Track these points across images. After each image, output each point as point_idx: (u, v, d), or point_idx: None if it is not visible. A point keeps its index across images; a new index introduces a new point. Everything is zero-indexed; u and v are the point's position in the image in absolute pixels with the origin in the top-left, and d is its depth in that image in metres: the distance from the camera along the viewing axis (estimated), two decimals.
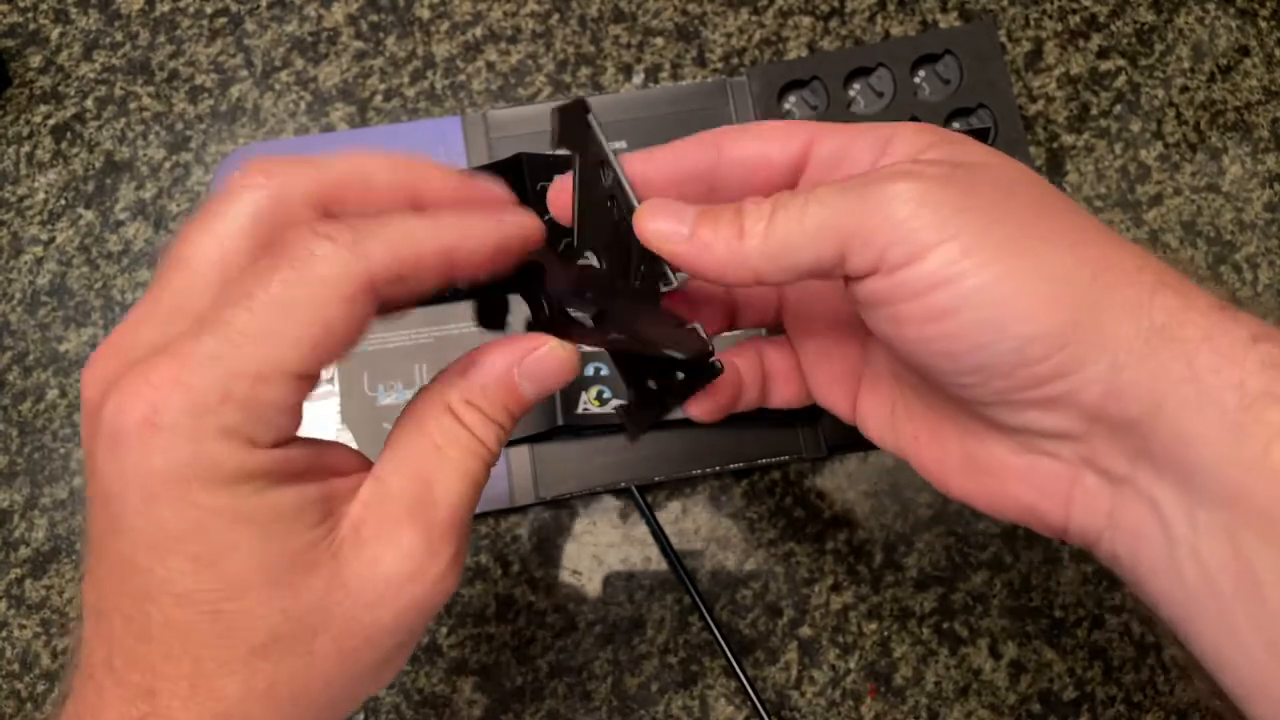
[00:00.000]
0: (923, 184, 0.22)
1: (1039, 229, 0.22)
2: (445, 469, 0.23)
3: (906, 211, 0.21)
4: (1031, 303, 0.21)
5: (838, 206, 0.22)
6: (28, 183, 0.48)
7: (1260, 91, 0.50)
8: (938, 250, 0.21)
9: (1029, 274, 0.21)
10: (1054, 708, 0.43)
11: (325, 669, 0.22)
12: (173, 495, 0.19)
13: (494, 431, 0.25)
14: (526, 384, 0.25)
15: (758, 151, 0.26)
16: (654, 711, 0.42)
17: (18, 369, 0.46)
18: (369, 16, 0.51)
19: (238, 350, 0.20)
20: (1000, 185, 0.23)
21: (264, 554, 0.20)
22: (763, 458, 0.44)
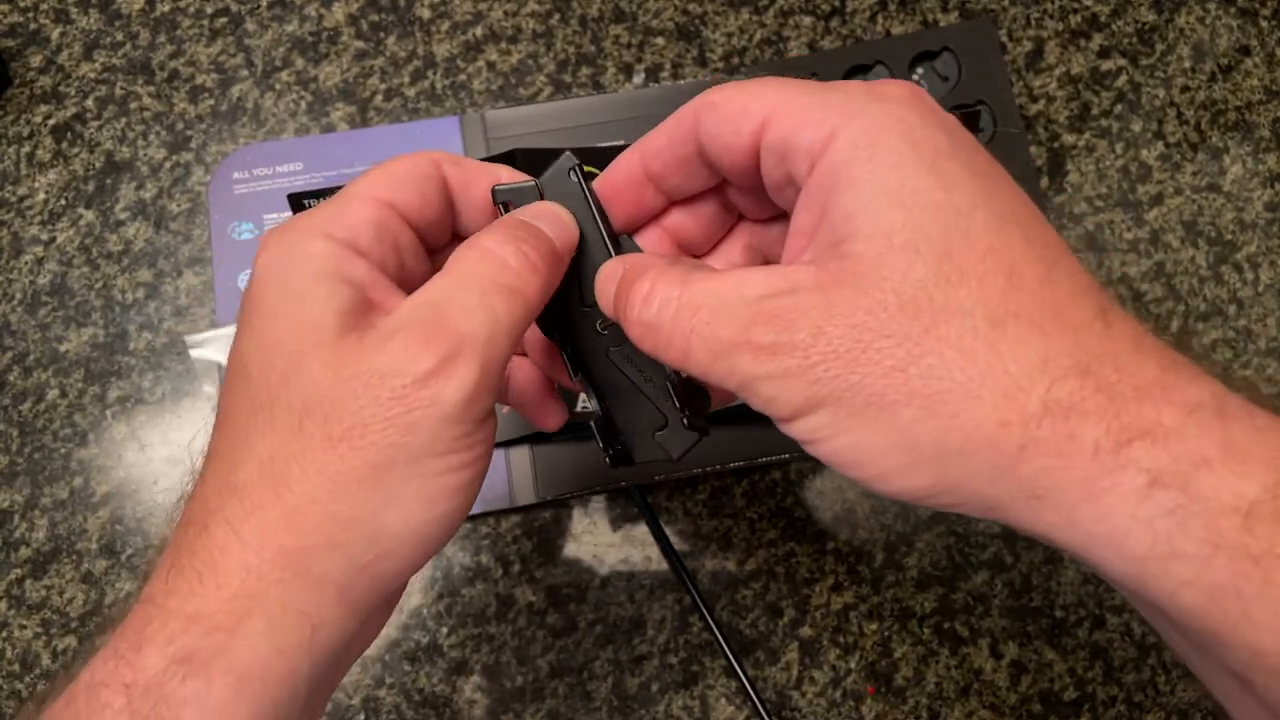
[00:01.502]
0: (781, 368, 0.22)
1: (890, 393, 0.21)
2: (464, 287, 0.24)
3: (766, 393, 0.23)
4: (889, 469, 0.22)
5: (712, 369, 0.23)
6: (28, 183, 0.48)
7: (1261, 91, 0.50)
8: (798, 423, 0.23)
9: (882, 445, 0.22)
10: (1055, 708, 0.43)
11: (316, 455, 0.23)
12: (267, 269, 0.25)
13: (516, 253, 0.25)
14: (539, 223, 0.26)
15: (718, 136, 0.26)
16: (654, 711, 0.42)
17: (18, 369, 0.46)
18: (369, 16, 0.51)
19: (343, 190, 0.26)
20: (869, 330, 0.21)
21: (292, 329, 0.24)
22: (763, 457, 0.44)
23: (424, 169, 0.27)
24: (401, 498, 0.23)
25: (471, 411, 0.23)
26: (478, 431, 0.24)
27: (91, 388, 0.46)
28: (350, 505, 0.23)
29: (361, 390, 0.23)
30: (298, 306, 0.24)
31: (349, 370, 0.23)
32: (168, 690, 0.21)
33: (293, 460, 0.23)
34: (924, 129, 0.22)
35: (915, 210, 0.22)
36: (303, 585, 0.22)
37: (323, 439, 0.23)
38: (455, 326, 0.23)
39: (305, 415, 0.23)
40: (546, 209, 0.27)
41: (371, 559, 0.23)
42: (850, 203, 0.22)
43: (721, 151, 0.26)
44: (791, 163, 0.24)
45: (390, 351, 0.23)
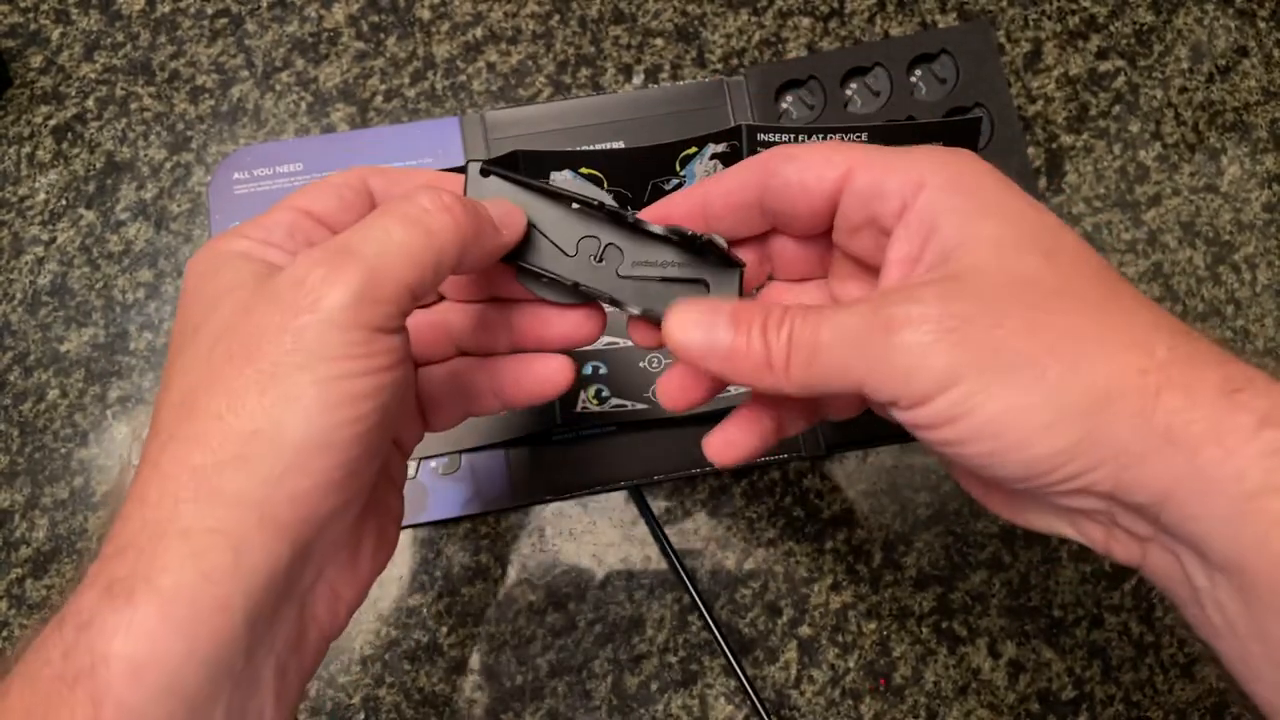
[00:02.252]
0: (918, 336, 0.23)
1: (1034, 348, 0.23)
2: (367, 220, 0.26)
3: (906, 364, 0.23)
4: (1031, 432, 0.23)
5: (843, 356, 0.24)
6: (29, 183, 0.48)
7: (1259, 92, 0.50)
8: (940, 398, 0.23)
9: (1026, 405, 0.23)
10: (1053, 707, 0.43)
11: (219, 375, 0.23)
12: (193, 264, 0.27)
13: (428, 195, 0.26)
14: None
15: (797, 180, 0.27)
16: (654, 711, 0.42)
17: (18, 369, 0.46)
18: (369, 17, 0.51)
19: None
20: (998, 296, 0.23)
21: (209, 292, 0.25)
22: (762, 456, 0.44)
23: (346, 179, 0.29)
24: (299, 404, 0.23)
25: (359, 317, 0.24)
26: (374, 342, 0.24)
27: (92, 388, 0.46)
28: (250, 417, 0.23)
29: (257, 309, 0.24)
30: (214, 276, 0.26)
31: (253, 296, 0.24)
32: (98, 620, 0.21)
33: (200, 387, 0.24)
34: (1000, 175, 0.26)
35: (1016, 223, 0.25)
36: (216, 503, 0.22)
37: (224, 358, 0.24)
38: (345, 243, 0.25)
39: (213, 345, 0.24)
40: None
41: (281, 472, 0.23)
42: (955, 222, 0.25)
43: (798, 195, 0.27)
44: (879, 204, 0.26)
45: (284, 273, 0.24)
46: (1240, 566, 0.22)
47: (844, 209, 0.27)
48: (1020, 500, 0.27)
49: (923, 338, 0.23)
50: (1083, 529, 0.26)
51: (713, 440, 0.30)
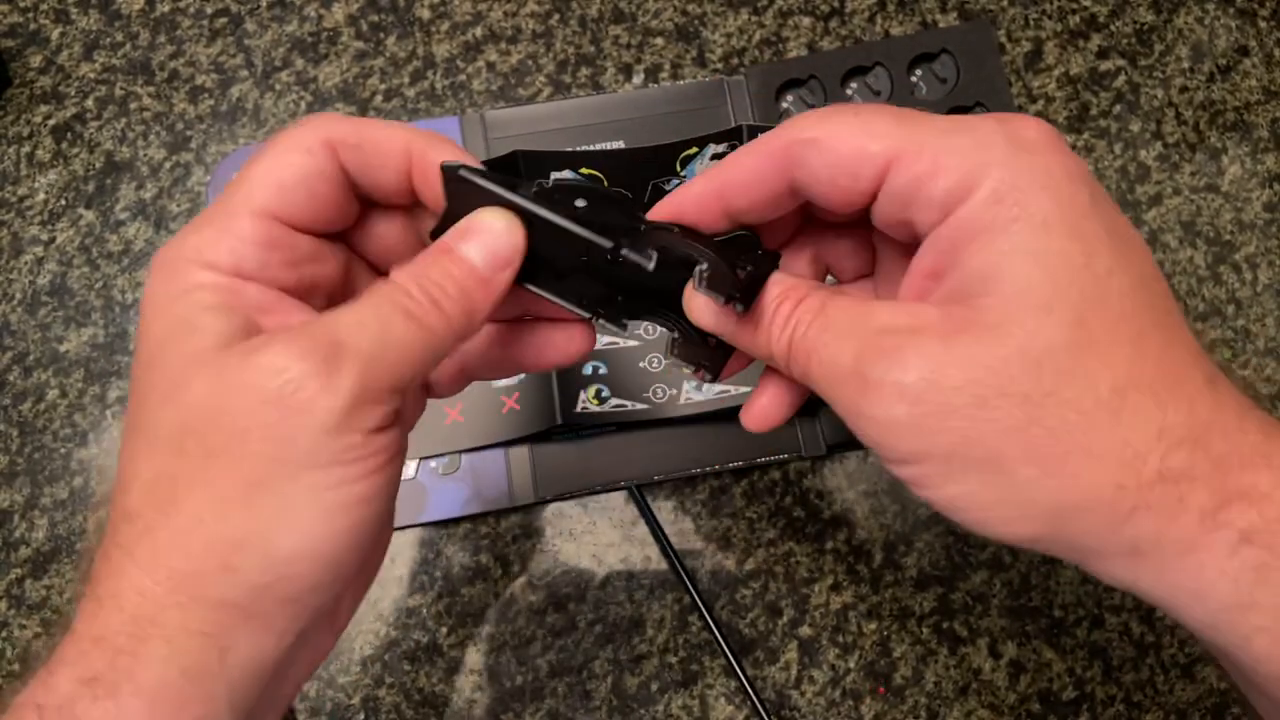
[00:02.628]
0: (894, 411, 0.22)
1: (1020, 448, 0.22)
2: (356, 309, 0.23)
3: (877, 432, 0.23)
4: (991, 521, 0.22)
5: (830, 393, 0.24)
6: (28, 183, 0.48)
7: (1259, 91, 0.50)
8: (903, 469, 0.23)
9: (989, 501, 0.22)
10: (1053, 707, 0.43)
11: (197, 472, 0.22)
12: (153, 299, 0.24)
13: (419, 288, 0.24)
14: (465, 246, 0.25)
15: (829, 179, 0.24)
16: (654, 711, 0.42)
17: (18, 369, 0.46)
18: (369, 17, 0.51)
19: (224, 197, 0.25)
20: (991, 389, 0.21)
21: (175, 352, 0.23)
22: (762, 457, 0.44)
23: (310, 164, 0.25)
24: (289, 514, 0.22)
25: (354, 422, 0.22)
26: (368, 444, 0.23)
27: (91, 388, 0.46)
28: (236, 525, 0.22)
29: (237, 400, 0.22)
30: (182, 332, 0.23)
31: (226, 382, 0.22)
32: (78, 711, 0.21)
33: (177, 480, 0.22)
34: (1069, 185, 0.22)
35: (1056, 272, 0.21)
36: (201, 608, 0.22)
37: (202, 455, 0.22)
38: (337, 333, 0.23)
39: (186, 432, 0.22)
40: (478, 224, 0.25)
41: (271, 580, 0.22)
42: (990, 257, 0.22)
43: (829, 192, 0.25)
44: (917, 210, 0.23)
45: (264, 355, 0.22)
46: (1223, 653, 0.22)
47: (879, 208, 0.25)
48: None
49: (893, 413, 0.22)
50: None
51: (750, 412, 0.30)
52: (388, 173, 0.26)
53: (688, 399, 0.44)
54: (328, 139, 0.25)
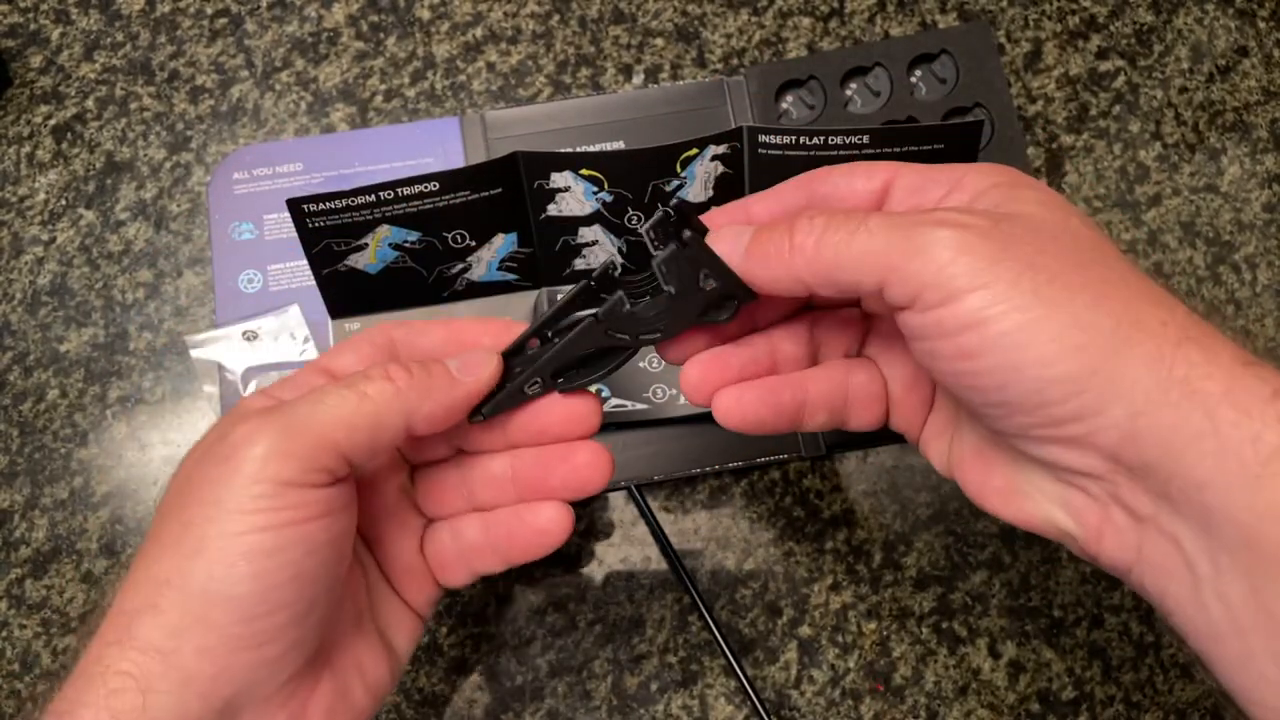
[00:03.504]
0: (964, 233, 0.23)
1: (1070, 279, 0.23)
2: (315, 387, 0.27)
3: (945, 257, 0.23)
4: (1052, 349, 0.22)
5: (884, 240, 0.24)
6: (28, 183, 0.48)
7: (1259, 92, 0.50)
8: (969, 296, 0.23)
9: (1052, 322, 0.22)
10: (1053, 707, 0.43)
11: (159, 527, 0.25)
12: None
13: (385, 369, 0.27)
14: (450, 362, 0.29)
15: (845, 184, 0.28)
16: (654, 711, 0.42)
17: (18, 369, 0.46)
18: (369, 17, 0.51)
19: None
20: (1040, 235, 0.24)
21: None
22: (762, 457, 0.44)
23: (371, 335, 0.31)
24: (201, 555, 0.24)
25: (270, 471, 0.24)
26: (284, 495, 0.24)
27: (92, 388, 0.46)
28: (166, 567, 0.24)
29: (201, 463, 0.25)
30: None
31: (204, 453, 0.26)
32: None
33: (150, 536, 0.25)
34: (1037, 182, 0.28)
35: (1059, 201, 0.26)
36: (129, 647, 0.24)
37: (166, 510, 0.25)
38: (278, 404, 0.26)
39: (166, 500, 0.26)
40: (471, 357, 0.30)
41: (188, 624, 0.23)
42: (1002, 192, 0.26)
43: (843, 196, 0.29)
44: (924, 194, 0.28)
45: (226, 419, 0.26)
46: (1252, 539, 0.21)
47: (889, 205, 0.28)
48: (1020, 483, 0.26)
49: (969, 238, 0.23)
50: (1078, 511, 0.25)
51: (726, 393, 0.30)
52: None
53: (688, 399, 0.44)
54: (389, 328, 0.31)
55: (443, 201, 0.40)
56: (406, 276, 0.42)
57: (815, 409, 0.31)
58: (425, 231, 0.41)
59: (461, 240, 0.42)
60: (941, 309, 0.23)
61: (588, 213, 0.42)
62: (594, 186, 0.41)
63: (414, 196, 0.39)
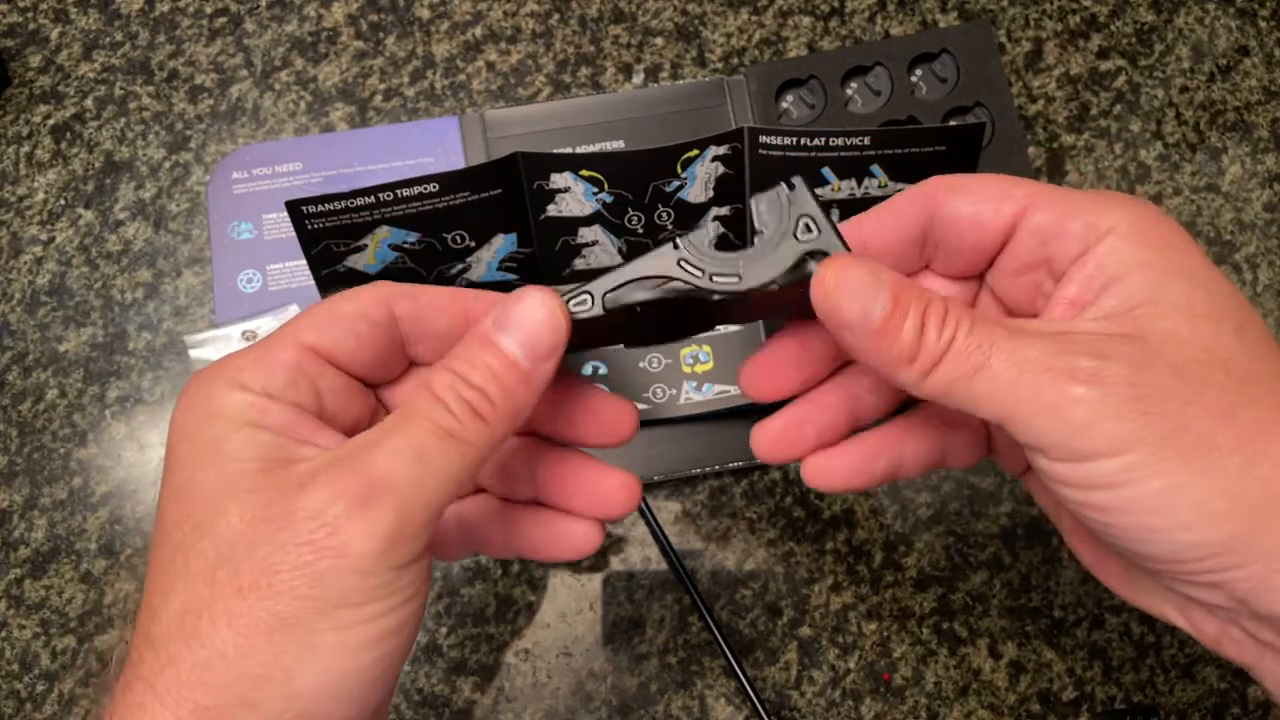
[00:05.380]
0: (1103, 392, 0.22)
1: (1218, 437, 0.21)
2: (395, 437, 0.23)
3: (1081, 419, 0.22)
4: (1195, 517, 0.21)
5: (1009, 388, 0.22)
6: (27, 182, 0.48)
7: (1260, 91, 0.50)
8: (1106, 461, 0.22)
9: (1196, 490, 0.21)
10: (1053, 707, 0.43)
11: (225, 605, 0.22)
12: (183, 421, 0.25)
13: (458, 400, 0.23)
14: (505, 338, 0.24)
15: (971, 213, 0.26)
16: (654, 711, 0.42)
17: (17, 369, 0.46)
18: (369, 16, 0.51)
19: (276, 331, 0.26)
20: (1189, 376, 0.22)
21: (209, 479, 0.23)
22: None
23: (364, 305, 0.26)
24: (314, 652, 0.22)
25: (387, 560, 0.22)
26: (398, 580, 0.23)
27: (91, 388, 0.46)
28: (260, 661, 0.22)
29: (272, 536, 0.22)
30: (214, 456, 0.23)
31: (262, 515, 0.22)
32: None
33: (204, 611, 0.22)
34: (1188, 236, 0.24)
35: (1211, 290, 0.23)
36: None
37: (233, 589, 0.22)
38: (375, 469, 0.22)
39: (219, 564, 0.22)
40: (516, 311, 0.24)
41: (291, 717, 0.22)
42: (1145, 279, 0.23)
43: (968, 228, 0.26)
44: (1056, 245, 0.25)
45: (304, 495, 0.22)
46: None
47: (1015, 247, 0.26)
48: (1140, 578, 0.26)
49: (1109, 398, 0.21)
50: (1196, 621, 0.25)
51: (813, 463, 0.28)
52: (439, 322, 0.27)
53: (688, 399, 0.44)
54: (385, 293, 0.26)
55: (442, 202, 0.40)
56: (406, 277, 0.42)
57: (910, 467, 0.29)
58: (425, 232, 0.41)
59: (461, 241, 0.41)
60: (1074, 465, 0.22)
61: (588, 213, 0.42)
62: (594, 187, 0.41)
63: (414, 198, 0.39)
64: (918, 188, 0.26)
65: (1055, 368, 0.22)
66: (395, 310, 0.26)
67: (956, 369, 0.23)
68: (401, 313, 0.27)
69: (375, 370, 0.27)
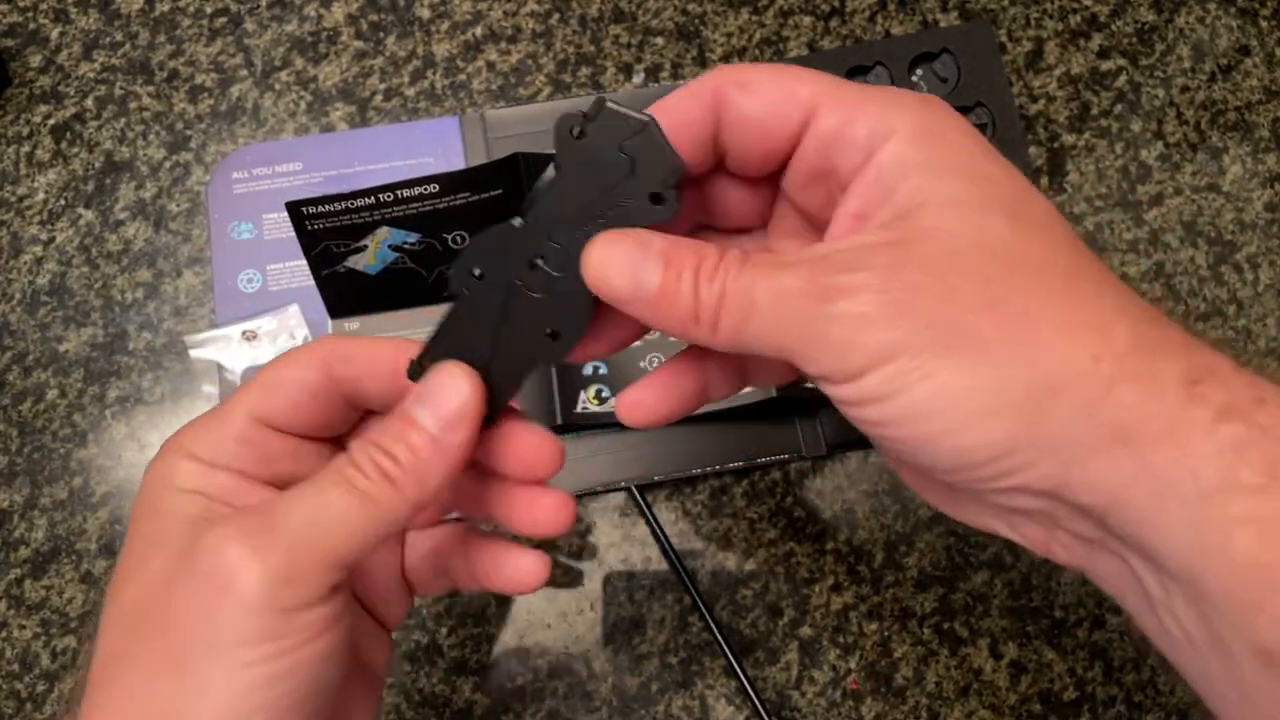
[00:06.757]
0: (858, 302, 0.21)
1: (982, 327, 0.21)
2: (302, 488, 0.24)
3: (845, 336, 0.21)
4: (966, 417, 0.21)
5: (777, 321, 0.22)
6: (27, 182, 0.48)
7: (1261, 91, 0.50)
8: (872, 373, 0.21)
9: (966, 388, 0.21)
10: (1054, 708, 0.43)
11: (138, 648, 0.23)
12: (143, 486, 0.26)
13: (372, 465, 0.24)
14: (419, 409, 0.25)
15: (757, 118, 0.24)
16: (654, 712, 0.42)
17: (17, 369, 0.46)
18: (369, 16, 0.51)
19: (228, 399, 0.27)
20: (950, 267, 0.21)
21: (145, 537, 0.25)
22: (763, 456, 0.44)
23: (300, 377, 0.27)
24: (205, 693, 0.22)
25: (277, 601, 0.22)
26: (289, 622, 0.23)
27: (91, 388, 0.46)
28: (159, 700, 0.22)
29: (179, 580, 0.23)
30: (153, 515, 0.25)
31: (177, 561, 0.23)
32: None
33: (122, 657, 0.23)
34: (971, 129, 0.24)
35: (983, 183, 0.22)
36: None
37: (145, 633, 0.23)
38: (273, 510, 0.23)
39: (139, 610, 0.23)
40: (429, 386, 0.25)
41: None
42: (918, 181, 0.22)
43: (755, 134, 0.24)
44: (840, 153, 0.23)
45: (207, 538, 0.23)
46: (1196, 577, 0.20)
47: (802, 153, 0.24)
48: (955, 495, 0.25)
49: (862, 308, 0.21)
50: (1020, 529, 0.24)
51: (623, 399, 0.28)
52: (378, 381, 0.27)
53: None
54: (325, 356, 0.27)
55: (443, 203, 0.40)
56: (406, 278, 0.42)
57: (719, 386, 0.28)
58: (425, 233, 0.41)
59: (461, 241, 0.41)
60: (846, 385, 0.22)
61: None
62: None
63: (414, 198, 0.39)
64: (700, 82, 0.24)
65: (810, 292, 0.21)
66: (333, 373, 0.27)
67: (733, 316, 0.22)
68: (340, 375, 0.27)
69: (322, 429, 0.28)
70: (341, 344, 0.27)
